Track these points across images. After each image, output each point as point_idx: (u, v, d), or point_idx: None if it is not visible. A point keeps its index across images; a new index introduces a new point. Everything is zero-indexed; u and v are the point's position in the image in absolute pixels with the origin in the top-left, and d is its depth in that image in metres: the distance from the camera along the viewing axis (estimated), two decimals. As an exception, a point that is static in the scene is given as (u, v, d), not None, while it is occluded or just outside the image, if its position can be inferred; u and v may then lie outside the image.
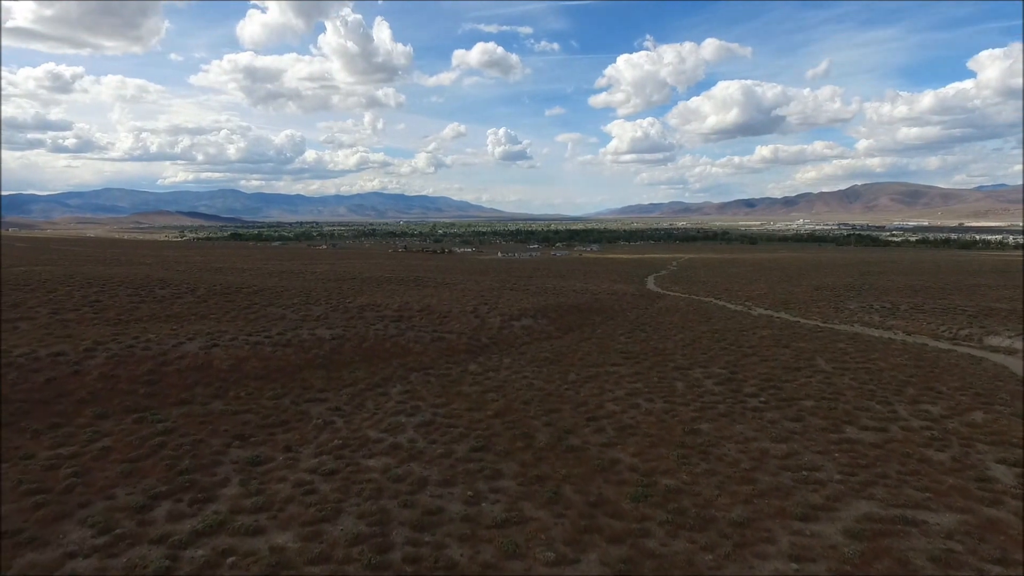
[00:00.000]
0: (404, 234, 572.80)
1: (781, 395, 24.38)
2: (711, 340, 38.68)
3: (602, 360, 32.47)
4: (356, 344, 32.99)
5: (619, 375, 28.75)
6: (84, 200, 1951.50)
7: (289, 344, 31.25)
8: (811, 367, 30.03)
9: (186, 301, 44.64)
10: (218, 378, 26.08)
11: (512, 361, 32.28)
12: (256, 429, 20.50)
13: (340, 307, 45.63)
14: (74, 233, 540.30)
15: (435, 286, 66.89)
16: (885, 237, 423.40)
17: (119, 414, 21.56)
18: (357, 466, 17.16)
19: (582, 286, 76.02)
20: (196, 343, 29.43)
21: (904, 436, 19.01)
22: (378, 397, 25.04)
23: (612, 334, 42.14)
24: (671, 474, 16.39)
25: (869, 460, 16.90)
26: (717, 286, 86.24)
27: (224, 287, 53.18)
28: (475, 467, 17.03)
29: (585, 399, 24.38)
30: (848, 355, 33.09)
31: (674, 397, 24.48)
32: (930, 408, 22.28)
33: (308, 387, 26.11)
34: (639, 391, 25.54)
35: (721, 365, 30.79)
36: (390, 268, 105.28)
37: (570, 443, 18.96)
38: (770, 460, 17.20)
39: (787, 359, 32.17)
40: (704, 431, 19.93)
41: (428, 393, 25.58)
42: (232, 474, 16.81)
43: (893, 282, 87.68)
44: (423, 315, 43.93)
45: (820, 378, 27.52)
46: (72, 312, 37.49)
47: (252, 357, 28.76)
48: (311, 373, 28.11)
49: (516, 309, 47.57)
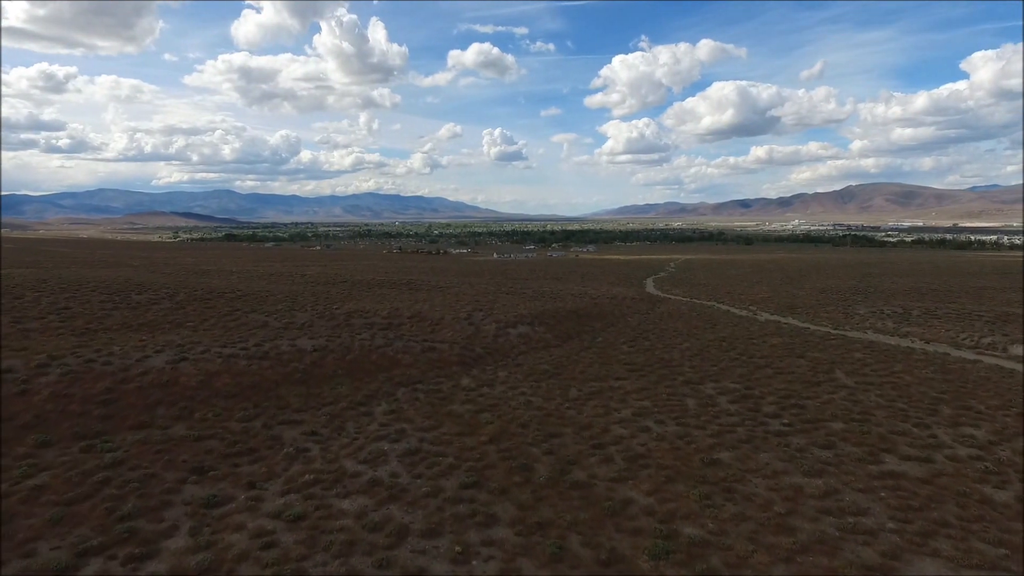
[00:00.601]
0: (399, 235, 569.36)
1: (805, 416, 22.10)
2: (719, 349, 36.42)
3: (605, 373, 30.16)
4: (340, 356, 30.55)
5: (624, 391, 26.44)
6: (78, 201, 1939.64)
7: (266, 357, 28.80)
8: (831, 381, 27.79)
9: (163, 307, 42.10)
10: (184, 397, 23.63)
11: (508, 374, 29.93)
12: (219, 460, 18.10)
13: (326, 314, 43.18)
14: (66, 234, 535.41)
15: (428, 290, 64.48)
16: (881, 238, 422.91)
17: (65, 441, 19.11)
18: (328, 509, 14.78)
19: (580, 289, 73.72)
20: (163, 356, 26.96)
21: (954, 469, 16.76)
22: (360, 418, 22.66)
23: (614, 342, 39.83)
24: (693, 519, 14.09)
25: (921, 501, 14.63)
26: (718, 289, 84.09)
27: (206, 292, 50.64)
28: (465, 510, 14.68)
29: (589, 420, 22.06)
30: (868, 367, 30.87)
31: (687, 418, 22.18)
32: (974, 432, 20.04)
33: (284, 406, 23.71)
34: (648, 410, 23.23)
35: (734, 379, 28.52)
36: (383, 270, 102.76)
37: (574, 477, 16.64)
38: (806, 501, 14.91)
39: (804, 372, 29.93)
40: (725, 462, 17.63)
41: (415, 413, 23.22)
42: (182, 519, 14.42)
43: (896, 284, 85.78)
44: (414, 322, 41.53)
45: (843, 394, 25.26)
46: (36, 320, 34.94)
47: (224, 372, 26.30)
48: (288, 390, 25.69)
49: (512, 315, 45.21)
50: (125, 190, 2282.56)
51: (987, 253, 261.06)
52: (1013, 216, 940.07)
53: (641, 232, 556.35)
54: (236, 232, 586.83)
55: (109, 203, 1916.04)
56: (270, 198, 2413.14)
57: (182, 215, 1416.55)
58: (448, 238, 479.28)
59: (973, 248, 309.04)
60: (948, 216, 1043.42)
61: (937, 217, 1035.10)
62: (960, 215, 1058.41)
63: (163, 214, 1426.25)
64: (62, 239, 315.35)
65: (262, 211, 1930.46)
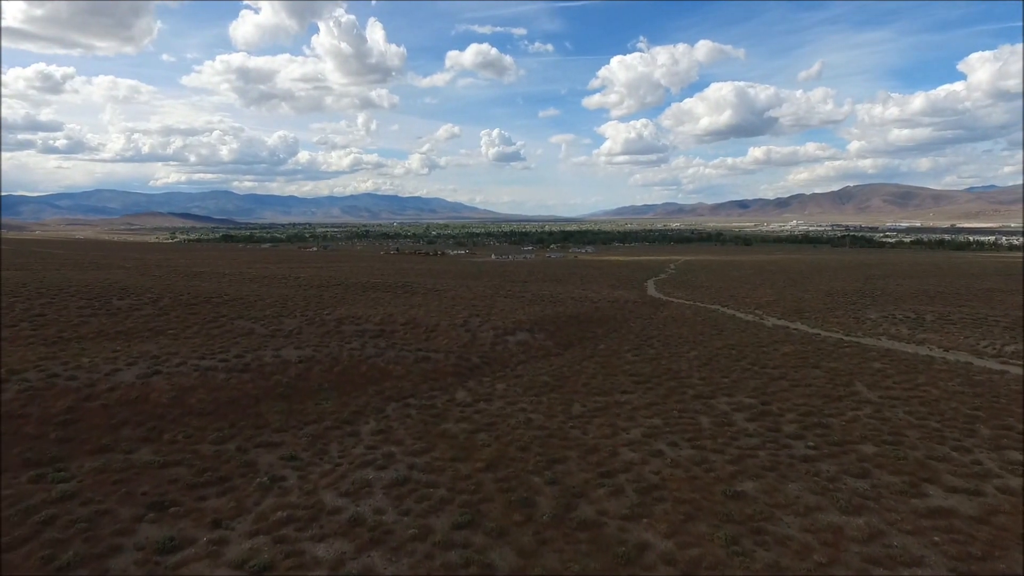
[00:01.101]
0: (397, 235, 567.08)
1: (831, 437, 20.22)
2: (729, 359, 34.55)
3: (610, 385, 28.27)
4: (327, 367, 28.62)
5: (632, 406, 24.55)
6: (75, 201, 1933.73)
7: (247, 369, 26.86)
8: (853, 396, 25.92)
9: (144, 313, 40.12)
10: (153, 415, 21.69)
11: (507, 387, 28.02)
12: (183, 491, 16.16)
13: (316, 320, 41.26)
14: (62, 235, 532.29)
15: (424, 293, 62.55)
16: (879, 238, 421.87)
17: (14, 470, 17.16)
18: (300, 557, 12.86)
19: (580, 292, 71.85)
20: (135, 370, 25.02)
21: (1010, 505, 14.88)
22: (345, 439, 20.75)
23: (617, 350, 37.95)
24: (721, 570, 12.20)
25: (983, 549, 12.76)
26: (721, 291, 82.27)
27: (193, 296, 48.68)
28: (458, 558, 12.78)
29: (595, 442, 20.16)
30: (890, 378, 29.01)
31: (702, 439, 20.30)
32: (1021, 458, 18.17)
33: (262, 425, 21.78)
34: (658, 430, 21.34)
35: (748, 392, 26.64)
36: (379, 272, 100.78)
37: (582, 515, 14.74)
38: (848, 546, 13.03)
39: (822, 384, 28.06)
40: (750, 494, 15.75)
41: (406, 433, 21.30)
42: (131, 569, 12.51)
43: (902, 287, 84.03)
44: (407, 329, 39.61)
45: (869, 411, 23.40)
46: (7, 329, 32.95)
47: (200, 387, 24.36)
48: (269, 406, 23.74)
49: (511, 321, 43.30)
50: (122, 191, 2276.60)
51: (986, 254, 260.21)
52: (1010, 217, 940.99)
53: (639, 233, 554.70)
54: (233, 233, 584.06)
55: (106, 204, 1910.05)
56: (268, 199, 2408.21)
57: (180, 216, 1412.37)
58: (446, 239, 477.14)
59: (972, 249, 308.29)
60: (946, 217, 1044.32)
61: (935, 218, 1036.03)
62: (957, 216, 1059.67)
63: (161, 215, 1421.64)
64: (58, 240, 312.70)
65: (260, 212, 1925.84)
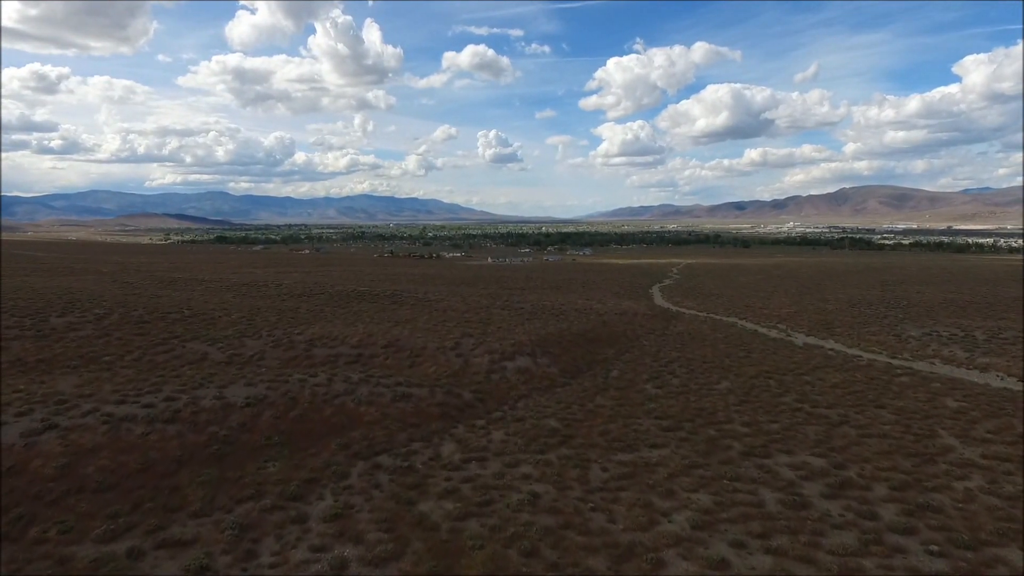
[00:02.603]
0: (393, 237, 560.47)
1: (952, 532, 14.67)
2: (770, 392, 29.04)
3: (633, 434, 22.70)
4: (280, 412, 22.93)
5: (668, 470, 18.97)
6: (69, 202, 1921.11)
7: (176, 418, 21.13)
8: (946, 452, 20.42)
9: (81, 335, 34.38)
10: (27, 496, 16.02)
11: (505, 437, 22.42)
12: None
13: (284, 341, 35.62)
14: (55, 236, 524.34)
15: (412, 305, 56.90)
16: (878, 240, 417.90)
17: None
18: None
19: (584, 303, 66.27)
20: (22, 423, 19.30)
21: None
22: (286, 529, 15.14)
23: (634, 379, 32.41)
24: None
25: None
26: (734, 300, 76.87)
27: (149, 310, 42.94)
28: None
29: (628, 538, 14.58)
30: (979, 424, 23.53)
31: (775, 534, 14.72)
32: None
33: (177, 507, 16.15)
34: (711, 516, 15.75)
35: (810, 446, 21.12)
36: (368, 278, 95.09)
37: None
38: None
39: (897, 432, 22.55)
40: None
41: (370, 519, 15.70)
42: None
43: (924, 295, 78.89)
44: (389, 353, 34.00)
45: (980, 481, 17.89)
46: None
47: (105, 447, 18.67)
48: (193, 474, 18.08)
49: (509, 343, 37.67)
50: (118, 191, 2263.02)
51: (987, 256, 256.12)
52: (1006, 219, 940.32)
53: (637, 234, 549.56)
54: (228, 234, 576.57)
55: (101, 205, 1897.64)
56: (264, 200, 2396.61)
57: (175, 217, 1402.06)
58: (442, 240, 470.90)
59: (972, 251, 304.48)
60: (941, 218, 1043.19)
61: (931, 219, 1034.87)
62: (953, 217, 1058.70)
63: (156, 216, 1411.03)
64: (46, 242, 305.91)
65: (256, 213, 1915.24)
